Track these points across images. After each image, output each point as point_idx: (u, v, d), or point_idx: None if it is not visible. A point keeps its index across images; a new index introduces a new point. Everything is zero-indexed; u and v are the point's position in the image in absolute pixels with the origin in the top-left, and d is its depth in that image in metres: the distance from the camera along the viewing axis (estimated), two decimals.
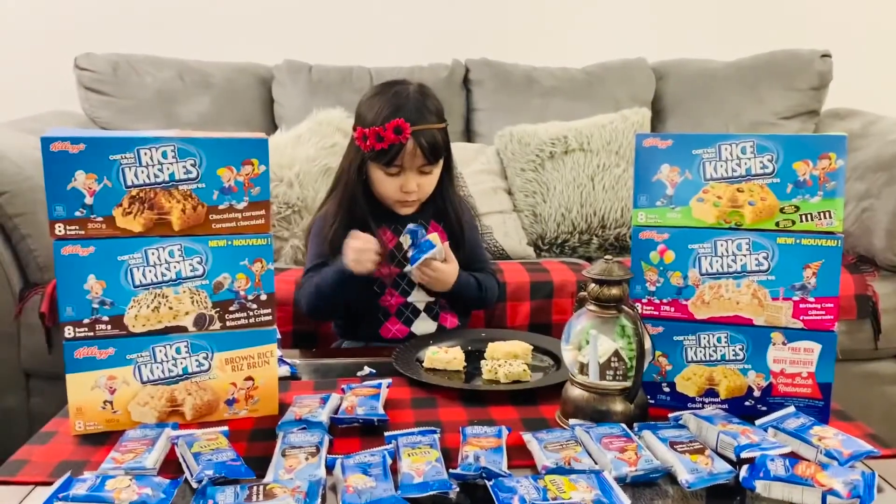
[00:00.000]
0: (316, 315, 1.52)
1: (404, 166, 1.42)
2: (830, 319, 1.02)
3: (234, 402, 1.07)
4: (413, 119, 1.39)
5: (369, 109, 1.43)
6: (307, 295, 1.46)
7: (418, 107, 1.41)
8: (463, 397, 1.15)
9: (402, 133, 1.38)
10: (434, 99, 1.47)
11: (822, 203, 1.01)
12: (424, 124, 1.40)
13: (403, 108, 1.40)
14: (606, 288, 1.00)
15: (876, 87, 2.56)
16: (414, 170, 1.43)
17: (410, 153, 1.40)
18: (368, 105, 1.44)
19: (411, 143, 1.39)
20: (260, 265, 1.05)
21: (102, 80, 2.34)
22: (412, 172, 1.43)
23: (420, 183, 1.45)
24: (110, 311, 1.00)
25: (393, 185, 1.44)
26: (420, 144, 1.40)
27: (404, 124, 1.37)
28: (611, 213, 2.17)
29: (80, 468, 0.92)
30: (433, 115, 1.43)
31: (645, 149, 1.06)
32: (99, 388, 1.01)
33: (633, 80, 2.53)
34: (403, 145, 1.39)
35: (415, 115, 1.40)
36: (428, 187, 1.47)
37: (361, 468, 0.87)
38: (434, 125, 1.42)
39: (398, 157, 1.40)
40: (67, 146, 0.95)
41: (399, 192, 1.44)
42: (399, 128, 1.37)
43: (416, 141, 1.39)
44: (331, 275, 1.42)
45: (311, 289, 1.45)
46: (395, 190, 1.44)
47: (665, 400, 1.09)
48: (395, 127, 1.37)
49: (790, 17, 2.74)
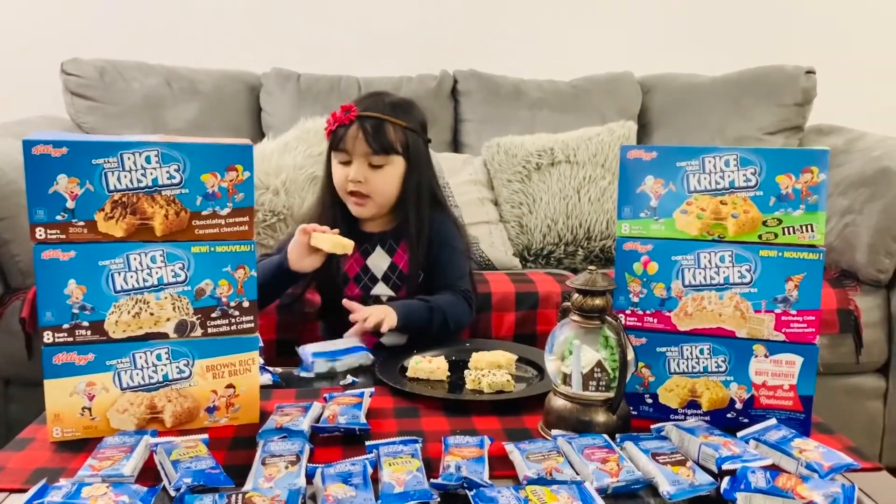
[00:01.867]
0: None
1: (349, 151, 1.45)
2: (812, 332, 1.03)
3: (215, 409, 1.06)
4: (365, 106, 1.45)
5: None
6: None
7: (379, 102, 1.48)
8: (446, 407, 1.14)
9: (348, 114, 1.44)
10: (408, 110, 1.50)
11: (804, 216, 1.01)
12: (375, 113, 1.44)
13: (363, 101, 1.48)
14: (590, 298, 1.01)
15: (859, 104, 2.58)
16: (361, 158, 1.45)
17: (353, 136, 1.44)
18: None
19: (355, 128, 1.44)
20: (243, 272, 1.04)
21: (89, 86, 2.33)
22: (359, 161, 1.45)
23: (368, 176, 1.46)
24: (90, 317, 0.99)
25: (342, 174, 1.48)
26: (363, 128, 1.43)
27: (352, 106, 1.44)
28: (596, 224, 2.18)
29: (56, 475, 0.90)
30: (393, 113, 1.46)
31: (629, 160, 1.06)
32: (78, 394, 1.00)
33: (620, 93, 2.55)
34: (348, 127, 1.44)
35: (369, 105, 1.46)
36: (378, 185, 1.47)
37: (342, 477, 0.86)
38: (385, 117, 1.45)
39: (343, 140, 1.44)
40: (50, 149, 0.95)
41: (346, 182, 1.47)
42: (347, 109, 1.44)
43: (360, 125, 1.43)
44: (269, 263, 1.43)
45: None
46: (344, 179, 1.47)
47: (647, 411, 1.09)
48: (345, 109, 1.44)
49: (776, 33, 2.77)
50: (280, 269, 1.40)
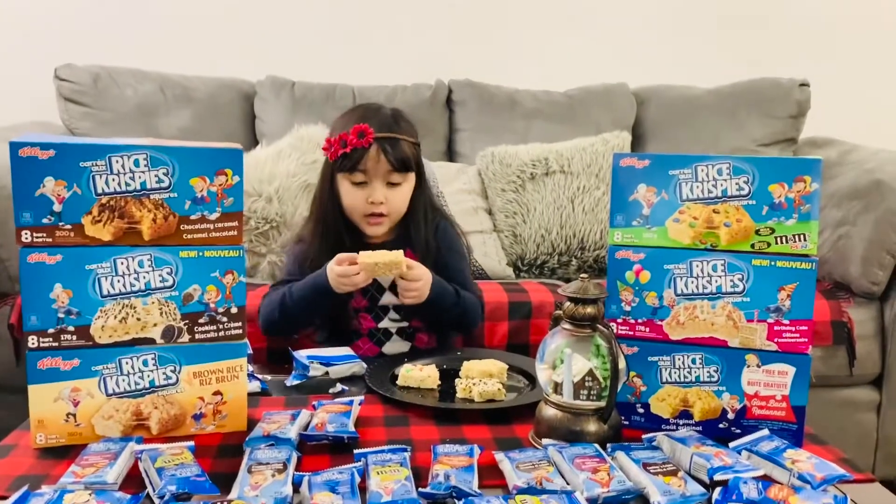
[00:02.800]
0: (270, 328, 1.46)
1: (369, 173, 1.42)
2: (805, 342, 1.02)
3: (202, 416, 1.05)
4: (378, 126, 1.41)
5: (338, 124, 1.47)
6: (268, 305, 1.44)
7: (386, 119, 1.44)
8: (436, 416, 1.13)
9: (364, 136, 1.39)
10: (406, 120, 1.49)
11: (797, 226, 1.01)
12: (391, 133, 1.41)
13: (370, 119, 1.42)
14: (581, 306, 1.00)
15: (853, 117, 2.59)
16: (380, 178, 1.42)
17: (374, 158, 1.40)
18: (339, 121, 1.48)
19: (375, 149, 1.40)
20: (231, 277, 1.03)
21: (82, 92, 2.32)
22: (378, 182, 1.43)
23: (388, 196, 1.43)
24: (76, 322, 0.98)
25: (360, 196, 1.43)
26: (384, 149, 1.40)
27: (367, 129, 1.39)
28: (590, 235, 2.17)
29: (38, 482, 0.89)
30: (402, 129, 1.44)
31: (622, 168, 1.06)
32: (62, 399, 0.99)
33: (615, 104, 2.55)
34: (366, 150, 1.39)
35: (380, 124, 1.42)
36: (397, 203, 1.46)
37: (329, 486, 0.85)
38: (401, 136, 1.43)
39: (361, 162, 1.40)
40: (37, 152, 0.94)
41: (366, 205, 1.43)
42: (362, 132, 1.39)
43: (380, 146, 1.40)
44: (303, 286, 1.40)
45: (276, 298, 1.43)
46: (362, 202, 1.43)
47: (639, 421, 1.08)
48: (359, 131, 1.39)
49: (770, 45, 2.78)
50: (318, 289, 1.37)
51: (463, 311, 1.46)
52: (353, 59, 2.68)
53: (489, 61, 2.69)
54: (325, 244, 1.46)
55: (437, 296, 1.40)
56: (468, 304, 1.47)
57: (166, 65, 2.46)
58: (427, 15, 2.70)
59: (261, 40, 2.65)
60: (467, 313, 1.47)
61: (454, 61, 2.63)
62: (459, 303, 1.44)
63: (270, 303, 1.44)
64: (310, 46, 2.66)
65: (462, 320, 1.48)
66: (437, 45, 2.71)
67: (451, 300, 1.43)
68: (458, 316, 1.46)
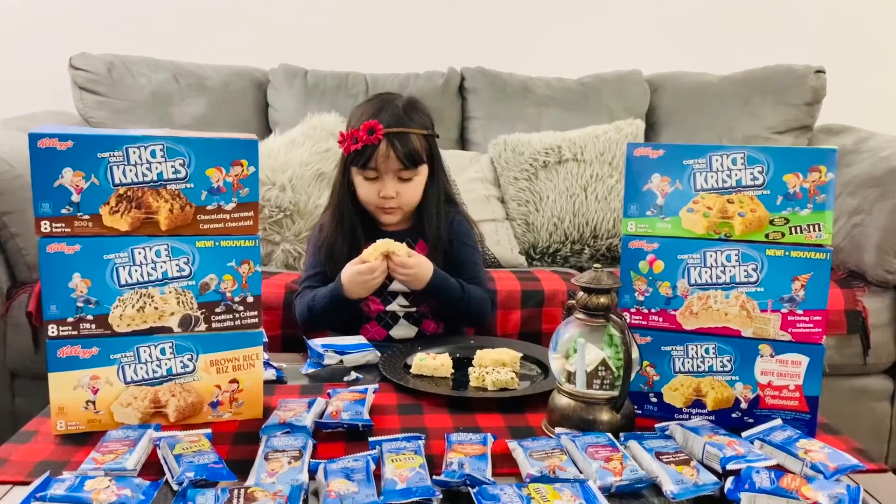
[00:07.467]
0: (307, 327, 1.51)
1: (380, 169, 1.44)
2: (818, 332, 1.02)
3: (219, 404, 1.06)
4: (388, 122, 1.42)
5: (354, 115, 1.49)
6: (301, 307, 1.49)
7: (397, 112, 1.45)
8: (449, 404, 1.14)
9: (374, 133, 1.41)
10: (422, 112, 1.50)
11: (811, 216, 1.01)
12: (400, 128, 1.42)
13: (381, 113, 1.44)
14: (595, 296, 1.00)
15: (869, 104, 2.57)
16: (391, 174, 1.45)
17: (384, 155, 1.42)
18: (355, 111, 1.50)
19: (385, 146, 1.42)
20: (247, 267, 1.04)
21: (97, 81, 2.33)
22: (389, 177, 1.45)
23: (399, 190, 1.46)
24: (95, 311, 0.99)
25: (372, 190, 1.46)
26: (393, 146, 1.42)
27: (377, 125, 1.41)
28: (603, 223, 2.17)
29: (59, 468, 0.90)
30: (413, 122, 1.45)
31: (636, 158, 1.06)
32: (82, 387, 1.00)
33: (628, 91, 2.54)
34: (376, 146, 1.41)
35: (390, 119, 1.43)
36: (409, 196, 1.48)
37: (344, 473, 0.86)
38: (410, 129, 1.44)
39: (372, 159, 1.42)
40: (55, 143, 0.95)
41: (377, 198, 1.46)
42: (372, 129, 1.41)
43: (390, 143, 1.42)
44: (324, 297, 1.44)
45: (306, 304, 1.48)
46: (374, 195, 1.47)
47: (652, 410, 1.09)
48: (369, 128, 1.41)
49: (785, 32, 2.75)
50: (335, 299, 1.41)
51: (468, 306, 1.47)
52: (365, 47, 2.68)
53: (502, 49, 2.68)
54: (341, 230, 1.50)
55: (438, 289, 1.42)
56: (474, 300, 1.48)
57: (180, 53, 2.47)
58: (439, 2, 2.70)
59: (273, 28, 2.65)
60: (473, 308, 1.48)
61: (466, 49, 2.62)
62: (464, 297, 1.46)
63: (303, 307, 1.49)
64: (322, 35, 2.66)
65: (468, 314, 1.50)
66: (449, 32, 2.70)
67: (455, 295, 1.45)
68: (463, 310, 1.48)
